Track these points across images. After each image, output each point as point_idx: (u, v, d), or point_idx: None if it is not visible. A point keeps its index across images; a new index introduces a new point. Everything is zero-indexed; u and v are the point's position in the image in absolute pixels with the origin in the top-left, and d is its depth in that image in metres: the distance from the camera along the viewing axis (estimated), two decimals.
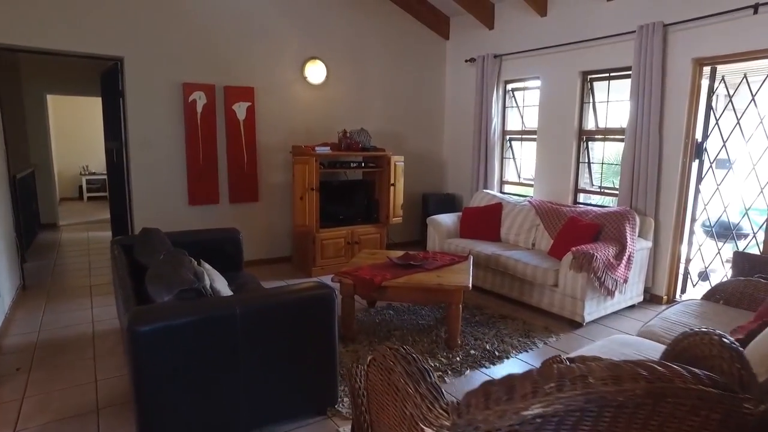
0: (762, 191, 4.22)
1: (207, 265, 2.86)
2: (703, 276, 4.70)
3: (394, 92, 6.23)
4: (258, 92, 5.21)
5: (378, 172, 5.68)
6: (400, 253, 4.09)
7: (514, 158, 6.18)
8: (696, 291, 4.66)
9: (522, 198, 5.45)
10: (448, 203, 6.49)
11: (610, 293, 3.94)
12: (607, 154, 5.24)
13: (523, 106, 6.01)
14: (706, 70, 4.23)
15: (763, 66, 4.17)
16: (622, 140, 5.07)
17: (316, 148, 5.07)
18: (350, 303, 3.39)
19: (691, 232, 4.50)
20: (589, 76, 5.08)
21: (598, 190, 5.28)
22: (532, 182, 5.84)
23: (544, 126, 5.44)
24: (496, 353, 3.33)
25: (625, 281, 4.07)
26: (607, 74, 4.94)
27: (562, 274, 3.92)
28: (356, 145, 5.43)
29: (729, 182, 4.43)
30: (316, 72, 5.56)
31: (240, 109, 5.08)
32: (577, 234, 4.22)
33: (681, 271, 4.53)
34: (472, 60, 6.10)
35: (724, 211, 4.48)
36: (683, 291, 4.58)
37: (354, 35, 5.80)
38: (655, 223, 4.40)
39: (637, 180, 4.47)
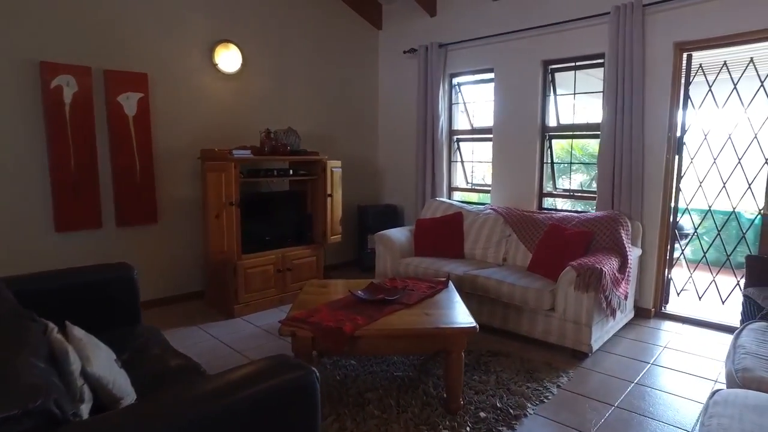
0: (724, 187, 3.87)
1: (77, 331, 1.69)
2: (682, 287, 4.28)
3: (323, 87, 5.27)
4: (153, 80, 3.98)
5: (311, 181, 4.67)
6: (362, 282, 3.13)
7: (462, 161, 5.48)
8: (680, 302, 4.22)
9: (482, 206, 4.74)
10: (390, 216, 5.63)
11: (614, 313, 3.30)
12: (564, 152, 4.72)
13: (473, 102, 5.35)
14: (686, 57, 3.81)
15: (742, 55, 3.85)
16: (590, 137, 4.57)
17: (234, 152, 3.95)
18: (307, 362, 2.35)
19: (674, 236, 4.04)
20: (551, 67, 4.52)
21: (568, 193, 4.72)
22: (487, 187, 5.17)
23: (501, 124, 4.80)
24: (511, 411, 2.48)
25: (626, 297, 3.46)
26: (573, 63, 4.40)
27: (560, 295, 3.20)
28: (283, 148, 4.38)
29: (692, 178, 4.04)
30: (229, 59, 4.44)
31: (129, 102, 3.82)
32: (566, 244, 3.54)
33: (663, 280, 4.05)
34: (412, 51, 5.34)
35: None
36: (666, 302, 4.10)
37: (272, 16, 4.76)
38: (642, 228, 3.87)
39: (619, 180, 3.93)
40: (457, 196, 5.49)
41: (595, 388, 2.78)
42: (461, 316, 2.52)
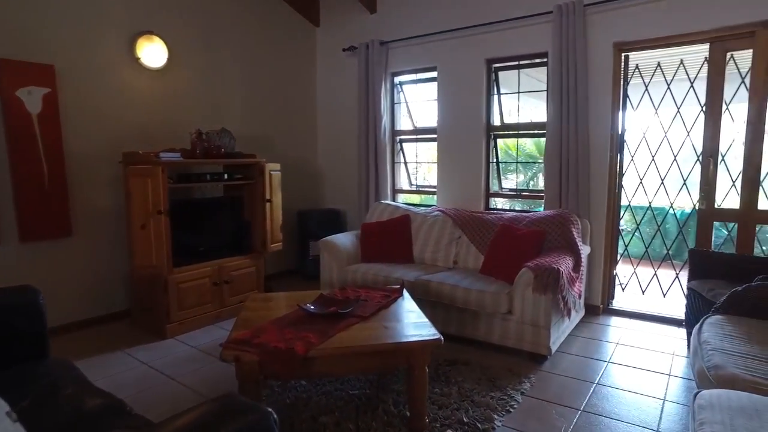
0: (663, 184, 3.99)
1: None
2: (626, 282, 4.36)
3: (258, 86, 4.94)
4: (62, 74, 3.50)
5: (248, 186, 4.33)
6: (310, 294, 2.87)
7: (405, 162, 5.34)
8: (625, 297, 4.29)
9: (429, 207, 4.61)
10: (332, 221, 5.38)
11: (569, 313, 3.25)
12: (502, 152, 4.70)
13: (416, 101, 5.23)
14: (624, 58, 3.87)
15: (674, 57, 3.97)
16: (535, 136, 4.57)
17: (162, 155, 3.56)
18: (255, 391, 2.08)
19: (618, 233, 4.10)
20: (494, 65, 4.48)
21: (514, 192, 4.70)
22: (432, 189, 5.06)
23: (446, 123, 4.70)
24: (479, 425, 2.33)
25: (580, 296, 3.44)
26: (517, 62, 4.38)
27: (517, 297, 3.10)
28: (217, 151, 4.03)
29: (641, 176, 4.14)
30: (153, 53, 4.02)
31: (32, 98, 3.33)
32: (519, 245, 3.47)
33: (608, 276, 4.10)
34: (352, 49, 5.13)
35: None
36: (612, 297, 4.15)
37: (200, 8, 4.39)
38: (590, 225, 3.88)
39: (566, 179, 3.92)
40: (401, 198, 5.35)
41: (559, 393, 2.69)
42: (423, 327, 2.34)
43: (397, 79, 5.14)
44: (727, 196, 3.70)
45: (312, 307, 2.53)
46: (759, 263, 3.14)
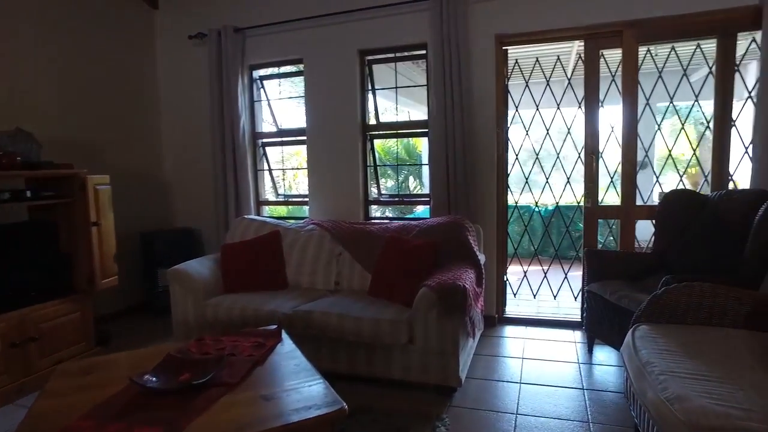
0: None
1: None
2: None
3: (78, 78, 3.84)
4: None
5: (65, 206, 3.28)
6: (153, 353, 2.05)
7: (270, 170, 4.64)
8: (517, 303, 4.11)
9: (302, 221, 3.97)
10: (186, 243, 4.46)
11: (474, 333, 2.87)
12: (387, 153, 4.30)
13: (280, 99, 4.56)
14: (504, 52, 3.67)
15: (551, 53, 3.89)
16: (417, 135, 4.21)
17: None
18: None
19: (507, 236, 3.90)
20: (368, 58, 4.01)
21: (397, 199, 4.27)
22: (303, 198, 4.44)
23: (316, 124, 4.11)
24: None
25: (483, 312, 3.09)
26: (393, 54, 3.96)
27: (419, 323, 2.63)
28: (11, 160, 2.95)
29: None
30: None
31: None
32: (412, 260, 3.01)
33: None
34: (201, 36, 4.29)
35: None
36: (504, 305, 3.93)
37: None
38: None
39: (454, 181, 3.59)
40: (267, 211, 4.64)
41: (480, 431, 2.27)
42: (317, 390, 1.71)
43: (256, 74, 4.42)
44: (608, 193, 3.69)
45: (153, 379, 1.75)
46: (650, 259, 3.09)
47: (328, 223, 3.69)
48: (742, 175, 3.38)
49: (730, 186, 3.32)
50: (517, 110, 3.82)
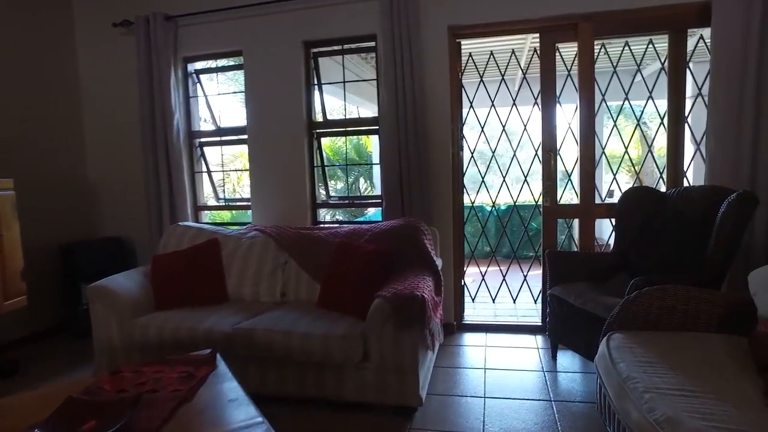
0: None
1: None
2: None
3: None
4: None
5: None
6: (54, 393, 1.69)
7: (209, 171, 4.26)
8: (476, 308, 3.95)
9: (244, 227, 3.64)
10: (115, 255, 4.01)
11: (434, 346, 2.65)
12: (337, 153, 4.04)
13: (218, 95, 4.20)
14: (457, 45, 3.50)
15: (506, 46, 3.75)
16: (367, 133, 3.97)
17: None
18: None
19: (464, 238, 3.72)
20: (314, 50, 3.73)
21: (346, 201, 4.01)
22: (246, 202, 4.10)
23: (258, 121, 3.79)
24: None
25: (442, 321, 2.88)
26: (341, 47, 3.70)
27: (374, 338, 2.37)
28: None
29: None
30: None
31: None
32: (365, 267, 2.76)
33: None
34: (127, 24, 3.86)
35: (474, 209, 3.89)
36: (463, 311, 3.75)
37: None
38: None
39: (408, 181, 3.36)
40: (207, 216, 4.26)
41: None
42: None
43: (192, 67, 4.04)
44: (564, 192, 3.58)
45: None
46: (612, 259, 2.98)
47: (272, 229, 3.38)
48: (690, 172, 3.36)
49: (685, 183, 3.28)
50: (471, 106, 3.66)
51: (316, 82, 3.80)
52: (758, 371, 1.61)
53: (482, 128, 3.71)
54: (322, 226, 3.64)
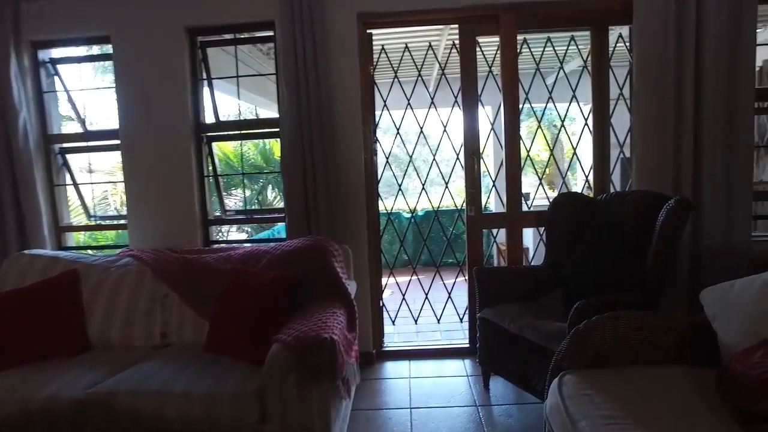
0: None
1: None
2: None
3: None
4: None
5: None
6: None
7: (75, 184, 3.50)
8: (397, 325, 3.56)
9: (115, 253, 2.96)
10: None
11: (350, 393, 2.19)
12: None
13: (83, 90, 3.46)
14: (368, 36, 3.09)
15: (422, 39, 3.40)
16: (267, 136, 3.44)
17: None
18: None
19: (380, 253, 3.31)
20: (201, 39, 3.15)
21: (245, 216, 3.44)
22: (123, 221, 3.41)
23: (133, 123, 3.13)
24: None
25: (357, 359, 2.42)
26: (233, 35, 3.15)
27: (273, 394, 1.86)
28: None
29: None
30: None
31: None
32: (262, 300, 2.24)
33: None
34: None
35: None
36: (383, 336, 3.34)
37: None
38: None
39: (314, 191, 2.89)
40: (72, 239, 3.49)
41: None
42: None
43: (45, 54, 3.27)
44: (487, 198, 3.29)
45: None
46: (544, 274, 2.69)
47: (149, 254, 2.74)
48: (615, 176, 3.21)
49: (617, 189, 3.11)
50: (385, 104, 3.26)
51: (205, 77, 3.21)
52: (738, 422, 1.32)
53: (398, 130, 3.32)
54: (215, 247, 3.05)
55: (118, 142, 3.18)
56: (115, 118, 3.11)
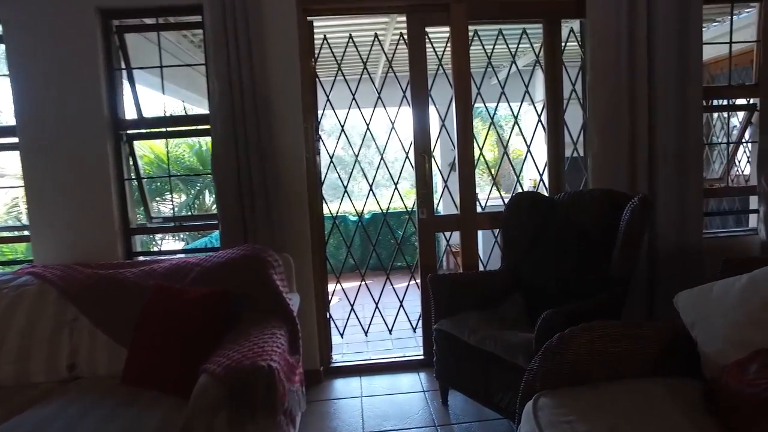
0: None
1: None
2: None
3: None
4: None
5: None
6: None
7: None
8: (346, 337, 3.30)
9: (13, 270, 2.52)
10: None
11: (294, 424, 1.91)
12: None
13: None
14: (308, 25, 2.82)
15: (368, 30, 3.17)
16: (196, 134, 3.10)
17: None
18: None
19: (326, 260, 3.04)
20: (116, 23, 2.76)
21: (174, 224, 3.07)
22: (25, 232, 2.95)
23: (34, 119, 2.68)
24: None
25: (302, 383, 2.14)
26: (155, 20, 2.79)
27: None
28: None
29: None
30: None
31: None
32: (189, 322, 1.93)
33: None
34: None
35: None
36: (331, 350, 3.07)
37: None
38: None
39: (249, 195, 2.59)
40: None
41: None
42: None
43: None
44: (442, 200, 3.11)
45: None
46: (502, 279, 2.53)
47: (54, 271, 2.34)
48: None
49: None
50: (328, 99, 3.01)
51: (123, 67, 2.83)
52: None
53: (342, 127, 3.07)
54: (136, 261, 2.68)
55: (15, 140, 2.74)
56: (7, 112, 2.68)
